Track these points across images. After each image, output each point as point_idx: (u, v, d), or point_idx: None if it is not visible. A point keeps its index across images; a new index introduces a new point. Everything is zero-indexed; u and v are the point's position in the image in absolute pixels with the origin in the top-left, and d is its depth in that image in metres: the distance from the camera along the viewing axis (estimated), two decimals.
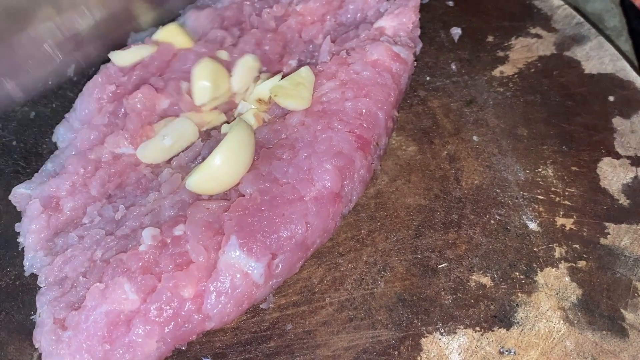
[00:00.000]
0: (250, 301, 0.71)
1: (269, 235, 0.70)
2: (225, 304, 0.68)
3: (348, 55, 0.86)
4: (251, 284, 0.69)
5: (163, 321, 0.66)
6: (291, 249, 0.71)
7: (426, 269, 0.78)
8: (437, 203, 0.84)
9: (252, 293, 0.70)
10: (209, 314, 0.68)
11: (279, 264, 0.71)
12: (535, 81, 0.97)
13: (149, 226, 0.72)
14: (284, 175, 0.74)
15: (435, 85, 0.98)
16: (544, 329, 0.73)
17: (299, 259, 0.74)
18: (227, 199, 0.73)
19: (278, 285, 0.74)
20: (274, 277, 0.71)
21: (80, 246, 0.74)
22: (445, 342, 0.72)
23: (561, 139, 0.90)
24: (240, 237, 0.69)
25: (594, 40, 1.01)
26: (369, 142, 0.79)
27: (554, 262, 0.78)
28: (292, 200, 0.72)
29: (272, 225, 0.70)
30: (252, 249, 0.68)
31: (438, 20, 1.06)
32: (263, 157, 0.76)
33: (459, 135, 0.91)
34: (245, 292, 0.69)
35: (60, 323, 0.69)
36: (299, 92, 0.81)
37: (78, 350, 0.66)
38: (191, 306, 0.67)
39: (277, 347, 0.72)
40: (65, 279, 0.72)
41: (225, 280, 0.68)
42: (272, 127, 0.80)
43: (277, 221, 0.71)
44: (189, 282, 0.67)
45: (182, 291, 0.67)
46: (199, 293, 0.68)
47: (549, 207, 0.83)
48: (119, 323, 0.66)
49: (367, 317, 0.74)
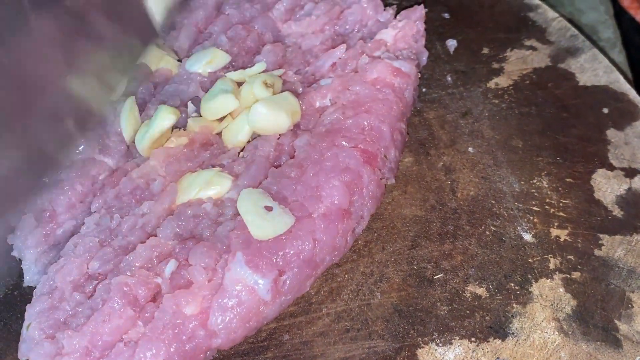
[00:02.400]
0: (259, 319, 0.70)
1: (276, 251, 0.70)
2: (231, 320, 0.68)
3: (348, 78, 0.87)
4: (257, 300, 0.69)
5: (168, 340, 0.66)
6: (299, 265, 0.71)
7: (422, 280, 0.79)
8: (433, 214, 0.85)
9: (259, 310, 0.69)
10: (215, 330, 0.68)
11: (287, 280, 0.71)
12: (530, 93, 0.98)
13: (148, 239, 0.73)
14: (293, 193, 0.74)
15: (431, 96, 0.98)
16: (538, 340, 0.73)
17: (308, 276, 0.73)
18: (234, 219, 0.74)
19: (288, 304, 0.74)
20: (282, 294, 0.71)
21: (72, 254, 0.74)
22: (441, 352, 0.73)
23: (556, 151, 0.90)
24: (246, 254, 0.69)
25: (588, 53, 1.02)
26: (376, 155, 0.79)
27: (549, 273, 0.79)
28: (300, 218, 0.72)
29: (278, 242, 0.71)
30: (258, 265, 0.69)
31: (434, 32, 1.07)
32: (272, 176, 0.76)
33: (455, 146, 0.92)
34: (252, 309, 0.69)
35: (50, 338, 0.69)
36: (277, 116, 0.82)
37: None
38: (196, 323, 0.67)
39: (274, 358, 0.72)
40: (55, 290, 0.72)
41: (231, 296, 0.68)
42: (280, 146, 0.81)
43: (284, 238, 0.71)
44: (192, 300, 0.68)
45: (184, 308, 0.67)
46: (204, 310, 0.68)
47: (544, 218, 0.84)
48: (122, 346, 0.66)
49: (364, 328, 0.75)
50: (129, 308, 0.68)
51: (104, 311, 0.68)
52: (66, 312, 0.71)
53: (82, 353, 0.66)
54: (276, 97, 0.82)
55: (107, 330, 0.67)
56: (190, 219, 0.75)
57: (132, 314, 0.68)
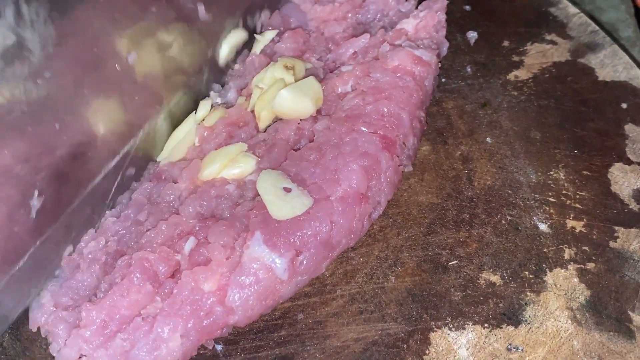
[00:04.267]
0: (275, 297, 0.71)
1: (293, 232, 0.71)
2: (248, 297, 0.69)
3: (369, 65, 0.87)
4: (275, 279, 0.70)
5: (185, 315, 0.67)
6: (316, 246, 0.72)
7: (437, 266, 0.79)
8: (449, 202, 0.85)
9: (276, 288, 0.70)
10: (232, 307, 0.68)
11: (303, 260, 0.71)
12: (550, 86, 0.98)
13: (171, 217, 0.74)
14: (312, 176, 0.75)
15: (451, 87, 0.99)
16: (551, 328, 0.74)
17: (324, 257, 0.74)
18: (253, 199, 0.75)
19: (304, 284, 0.74)
20: (298, 274, 0.72)
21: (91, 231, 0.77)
22: (453, 337, 0.73)
23: (573, 144, 0.91)
24: (264, 233, 0.70)
25: (609, 49, 1.02)
26: (394, 142, 0.80)
27: (563, 263, 0.79)
28: (318, 200, 0.73)
29: (296, 223, 0.71)
30: (276, 244, 0.69)
31: (455, 23, 1.07)
32: (291, 158, 0.77)
33: (473, 136, 0.92)
34: (269, 287, 0.69)
35: (65, 308, 0.71)
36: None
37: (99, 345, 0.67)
38: (214, 299, 0.68)
39: (287, 336, 0.73)
40: (73, 262, 0.74)
41: (248, 273, 0.69)
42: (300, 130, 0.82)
43: (302, 219, 0.72)
44: (211, 276, 0.68)
45: (203, 285, 0.68)
46: (222, 286, 0.69)
47: (560, 209, 0.84)
48: (140, 320, 0.68)
49: (377, 310, 0.75)
50: (148, 283, 0.69)
51: (122, 285, 0.69)
52: (83, 283, 0.72)
53: (99, 326, 0.67)
54: (300, 83, 0.84)
55: (125, 304, 0.68)
56: (212, 199, 0.76)
57: (150, 290, 0.69)
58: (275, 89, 0.82)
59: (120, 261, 0.72)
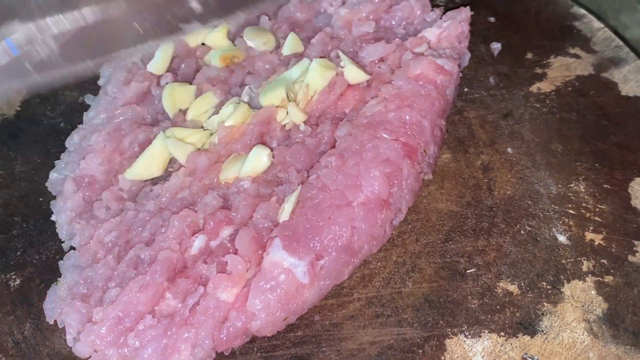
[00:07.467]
0: (298, 302, 0.71)
1: (313, 237, 0.72)
2: (269, 301, 0.69)
3: (391, 73, 0.89)
4: (295, 283, 0.70)
5: (204, 322, 0.68)
6: (336, 250, 0.72)
7: (454, 273, 0.79)
8: (468, 210, 0.86)
9: (297, 293, 0.71)
10: (254, 311, 0.69)
11: (325, 264, 0.72)
12: (572, 99, 0.98)
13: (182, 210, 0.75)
14: (334, 182, 0.76)
15: (473, 96, 0.99)
16: (567, 339, 0.74)
17: (346, 263, 0.74)
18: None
19: (327, 290, 0.75)
20: (319, 278, 0.72)
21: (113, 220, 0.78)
22: (469, 344, 0.73)
23: (595, 157, 0.91)
24: (283, 239, 0.71)
25: (632, 64, 1.02)
26: (416, 149, 0.81)
27: (581, 275, 0.79)
28: (339, 206, 0.74)
29: (315, 228, 0.72)
30: (295, 249, 0.70)
31: (479, 34, 1.08)
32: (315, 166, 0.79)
33: (494, 146, 0.93)
34: (290, 291, 0.70)
35: (79, 299, 0.72)
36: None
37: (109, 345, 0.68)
38: (235, 305, 0.69)
39: (304, 337, 0.74)
40: (87, 251, 0.76)
41: (269, 279, 0.69)
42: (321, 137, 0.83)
43: (322, 224, 0.72)
44: (232, 284, 0.69)
45: (223, 292, 0.69)
46: (243, 292, 0.70)
47: (579, 221, 0.84)
48: (154, 320, 0.68)
49: (394, 315, 0.76)
50: (165, 280, 0.70)
51: (138, 281, 0.70)
52: (98, 272, 0.74)
53: (114, 322, 0.68)
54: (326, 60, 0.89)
55: (142, 300, 0.69)
56: (229, 196, 0.77)
57: (165, 286, 0.70)
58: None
59: (132, 252, 0.73)
